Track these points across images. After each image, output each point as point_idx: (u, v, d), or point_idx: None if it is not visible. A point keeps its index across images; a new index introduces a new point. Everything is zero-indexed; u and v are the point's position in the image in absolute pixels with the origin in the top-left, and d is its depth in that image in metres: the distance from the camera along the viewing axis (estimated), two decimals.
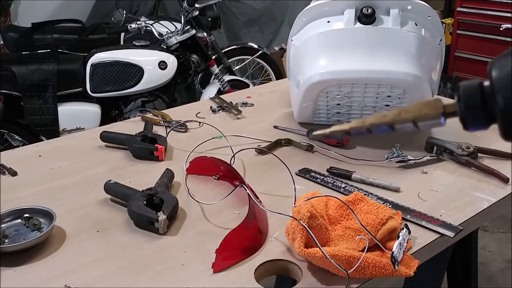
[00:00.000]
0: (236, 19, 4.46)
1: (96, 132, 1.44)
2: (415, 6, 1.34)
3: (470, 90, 0.39)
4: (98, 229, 1.02)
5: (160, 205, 1.03)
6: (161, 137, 1.37)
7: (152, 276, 0.88)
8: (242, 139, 1.39)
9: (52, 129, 2.70)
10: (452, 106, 0.41)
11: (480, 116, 0.39)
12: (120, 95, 2.79)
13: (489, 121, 0.39)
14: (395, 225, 0.94)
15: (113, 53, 2.78)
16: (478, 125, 0.39)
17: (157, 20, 3.01)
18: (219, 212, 1.06)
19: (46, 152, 1.38)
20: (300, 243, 0.86)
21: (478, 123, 0.39)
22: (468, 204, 1.08)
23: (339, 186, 1.16)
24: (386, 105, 1.40)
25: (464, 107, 0.39)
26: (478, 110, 0.38)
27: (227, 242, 0.92)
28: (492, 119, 0.38)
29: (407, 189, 1.14)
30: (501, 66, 0.37)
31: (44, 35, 3.37)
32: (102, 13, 4.24)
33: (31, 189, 1.18)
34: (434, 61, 1.39)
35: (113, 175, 1.20)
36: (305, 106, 1.42)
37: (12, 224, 1.01)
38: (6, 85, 2.64)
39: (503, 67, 0.37)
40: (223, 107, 1.66)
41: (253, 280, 0.86)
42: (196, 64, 3.02)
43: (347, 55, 1.30)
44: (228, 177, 1.19)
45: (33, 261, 0.92)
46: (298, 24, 1.42)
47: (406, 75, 1.27)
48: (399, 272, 0.85)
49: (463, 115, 0.39)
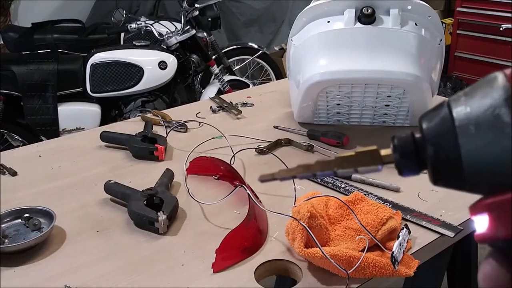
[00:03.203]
0: (236, 19, 4.46)
1: (96, 132, 1.44)
2: (415, 6, 1.34)
3: (404, 141, 0.45)
4: (98, 229, 1.02)
5: (160, 205, 1.03)
6: (161, 137, 1.37)
7: (152, 276, 0.88)
8: (242, 139, 1.39)
9: (52, 129, 2.70)
10: (389, 156, 0.46)
11: (413, 163, 0.44)
12: (120, 95, 2.79)
13: (420, 168, 0.44)
14: (395, 225, 0.94)
15: (113, 53, 2.78)
16: (412, 171, 0.45)
17: (157, 20, 3.01)
18: (219, 212, 1.06)
19: (46, 152, 1.38)
20: (300, 243, 0.86)
21: (411, 169, 0.45)
22: (468, 204, 1.07)
23: (339, 186, 1.16)
24: (386, 105, 1.40)
25: (399, 156, 0.45)
26: (411, 158, 0.44)
27: (227, 242, 0.92)
28: (423, 166, 0.44)
29: (407, 189, 1.14)
30: (430, 118, 0.42)
31: (44, 35, 3.37)
32: (102, 13, 4.24)
33: (31, 189, 1.18)
34: (434, 61, 1.39)
35: (113, 175, 1.20)
36: (305, 106, 1.42)
37: (12, 224, 1.01)
38: (6, 85, 2.64)
39: (432, 119, 0.42)
40: (223, 107, 1.66)
41: (253, 280, 0.86)
42: (196, 64, 3.02)
43: (347, 55, 1.30)
44: (228, 177, 1.18)
45: (33, 261, 0.92)
46: (298, 24, 1.42)
47: (406, 75, 1.27)
48: (399, 272, 0.85)
49: (398, 163, 0.45)
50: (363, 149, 0.48)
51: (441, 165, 0.41)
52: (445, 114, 0.41)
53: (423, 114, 0.44)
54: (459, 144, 0.40)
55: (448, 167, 0.41)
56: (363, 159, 0.47)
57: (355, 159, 0.47)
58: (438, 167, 0.42)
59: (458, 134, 0.40)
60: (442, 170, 0.42)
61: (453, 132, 0.40)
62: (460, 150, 0.40)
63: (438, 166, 0.42)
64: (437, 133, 0.41)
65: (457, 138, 0.40)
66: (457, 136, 0.40)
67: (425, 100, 1.34)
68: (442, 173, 0.42)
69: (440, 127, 0.41)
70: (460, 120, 0.40)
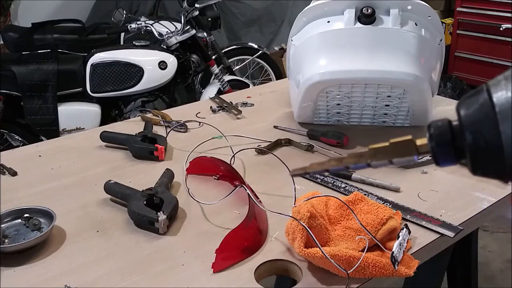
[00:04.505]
0: (236, 19, 4.46)
1: (96, 132, 1.44)
2: (415, 6, 1.34)
3: (440, 129, 0.42)
4: (98, 229, 1.02)
5: (160, 205, 1.03)
6: (161, 137, 1.37)
7: (152, 276, 0.88)
8: (242, 139, 1.39)
9: (52, 129, 2.70)
10: (424, 146, 0.44)
11: (450, 152, 0.42)
12: (120, 95, 2.79)
13: (458, 157, 0.42)
14: (395, 225, 0.94)
15: (113, 53, 2.78)
16: (449, 161, 0.42)
17: (157, 20, 3.01)
18: (219, 212, 1.06)
19: (46, 152, 1.38)
20: (300, 243, 0.86)
21: (448, 159, 0.42)
22: (468, 204, 1.08)
23: (339, 186, 1.16)
24: (386, 105, 1.40)
25: (436, 145, 0.42)
26: (448, 147, 0.42)
27: (227, 242, 0.92)
28: (461, 155, 0.41)
29: (407, 189, 1.14)
30: (468, 105, 0.40)
31: (44, 35, 3.37)
32: (102, 13, 4.24)
33: (31, 189, 1.18)
34: (434, 61, 1.39)
35: (113, 175, 1.20)
36: (305, 106, 1.42)
37: (12, 224, 1.01)
38: (6, 85, 2.64)
39: (470, 105, 0.40)
40: (223, 107, 1.66)
41: (253, 280, 0.86)
42: (196, 64, 3.02)
43: (347, 55, 1.30)
44: (228, 177, 1.18)
45: (33, 261, 0.92)
46: (298, 24, 1.42)
47: (406, 75, 1.27)
48: (399, 272, 0.85)
49: (435, 152, 0.43)
50: (398, 139, 0.45)
51: (481, 153, 0.39)
52: (485, 100, 0.39)
53: (460, 100, 0.41)
54: (500, 131, 0.38)
55: (488, 156, 0.39)
56: (398, 149, 0.45)
57: (389, 150, 0.44)
58: (478, 156, 0.40)
59: (499, 121, 0.38)
60: (482, 158, 0.39)
61: (493, 119, 0.38)
62: (501, 137, 0.38)
63: (478, 154, 0.39)
64: (477, 120, 0.39)
65: (498, 124, 0.38)
66: (498, 123, 0.38)
67: (425, 100, 1.34)
68: (482, 162, 0.40)
69: (479, 113, 0.39)
70: (501, 106, 0.38)
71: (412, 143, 0.44)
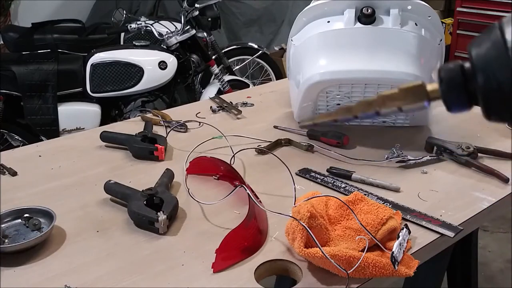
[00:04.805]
0: (236, 19, 4.46)
1: (96, 132, 1.44)
2: (415, 6, 1.34)
3: (451, 72, 0.40)
4: (98, 229, 1.02)
5: (160, 205, 1.03)
6: (161, 137, 1.37)
7: (152, 276, 0.88)
8: (242, 139, 1.39)
9: (52, 129, 2.70)
10: (435, 91, 0.41)
11: (462, 96, 0.39)
12: (120, 95, 2.79)
13: (470, 102, 0.39)
14: (395, 225, 0.94)
15: (113, 53, 2.78)
16: (461, 106, 0.40)
17: (157, 20, 3.01)
18: (219, 212, 1.06)
19: (46, 152, 1.38)
20: (300, 243, 0.86)
21: (460, 104, 0.40)
22: (468, 204, 1.08)
23: (339, 186, 1.16)
24: None
25: (447, 89, 0.40)
26: (460, 90, 0.39)
27: (227, 242, 0.92)
28: (473, 99, 0.39)
29: (407, 189, 1.14)
30: (480, 44, 0.38)
31: (44, 35, 3.37)
32: (102, 13, 4.24)
33: (31, 189, 1.18)
34: (434, 61, 1.39)
35: (113, 175, 1.20)
36: (305, 106, 1.42)
37: (12, 224, 1.01)
38: (6, 85, 2.64)
39: (482, 44, 0.38)
40: (223, 107, 1.66)
41: (253, 280, 0.86)
42: (196, 64, 3.02)
43: (347, 55, 1.30)
44: (228, 177, 1.19)
45: (33, 261, 0.92)
46: (298, 24, 1.42)
47: (406, 75, 1.27)
48: (399, 272, 0.85)
49: (445, 97, 0.40)
50: (407, 85, 0.43)
51: (494, 94, 0.36)
52: (497, 38, 0.36)
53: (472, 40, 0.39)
54: None
55: (501, 97, 0.36)
56: (408, 95, 0.42)
57: (398, 96, 0.42)
58: (490, 98, 0.37)
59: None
60: (495, 101, 0.37)
61: (506, 57, 0.35)
62: None
63: (490, 96, 0.37)
64: (489, 59, 0.36)
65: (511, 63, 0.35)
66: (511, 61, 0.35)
67: None
68: (495, 105, 0.37)
69: (491, 52, 0.36)
70: None
71: (423, 89, 0.42)
